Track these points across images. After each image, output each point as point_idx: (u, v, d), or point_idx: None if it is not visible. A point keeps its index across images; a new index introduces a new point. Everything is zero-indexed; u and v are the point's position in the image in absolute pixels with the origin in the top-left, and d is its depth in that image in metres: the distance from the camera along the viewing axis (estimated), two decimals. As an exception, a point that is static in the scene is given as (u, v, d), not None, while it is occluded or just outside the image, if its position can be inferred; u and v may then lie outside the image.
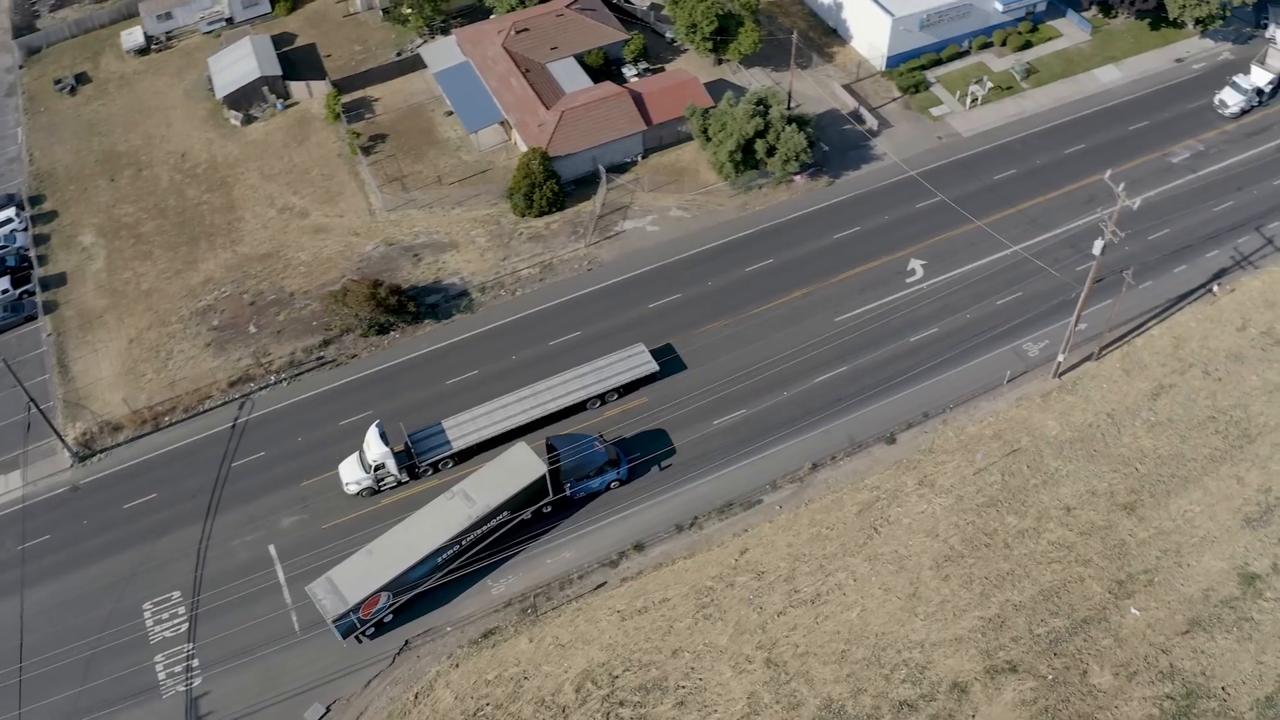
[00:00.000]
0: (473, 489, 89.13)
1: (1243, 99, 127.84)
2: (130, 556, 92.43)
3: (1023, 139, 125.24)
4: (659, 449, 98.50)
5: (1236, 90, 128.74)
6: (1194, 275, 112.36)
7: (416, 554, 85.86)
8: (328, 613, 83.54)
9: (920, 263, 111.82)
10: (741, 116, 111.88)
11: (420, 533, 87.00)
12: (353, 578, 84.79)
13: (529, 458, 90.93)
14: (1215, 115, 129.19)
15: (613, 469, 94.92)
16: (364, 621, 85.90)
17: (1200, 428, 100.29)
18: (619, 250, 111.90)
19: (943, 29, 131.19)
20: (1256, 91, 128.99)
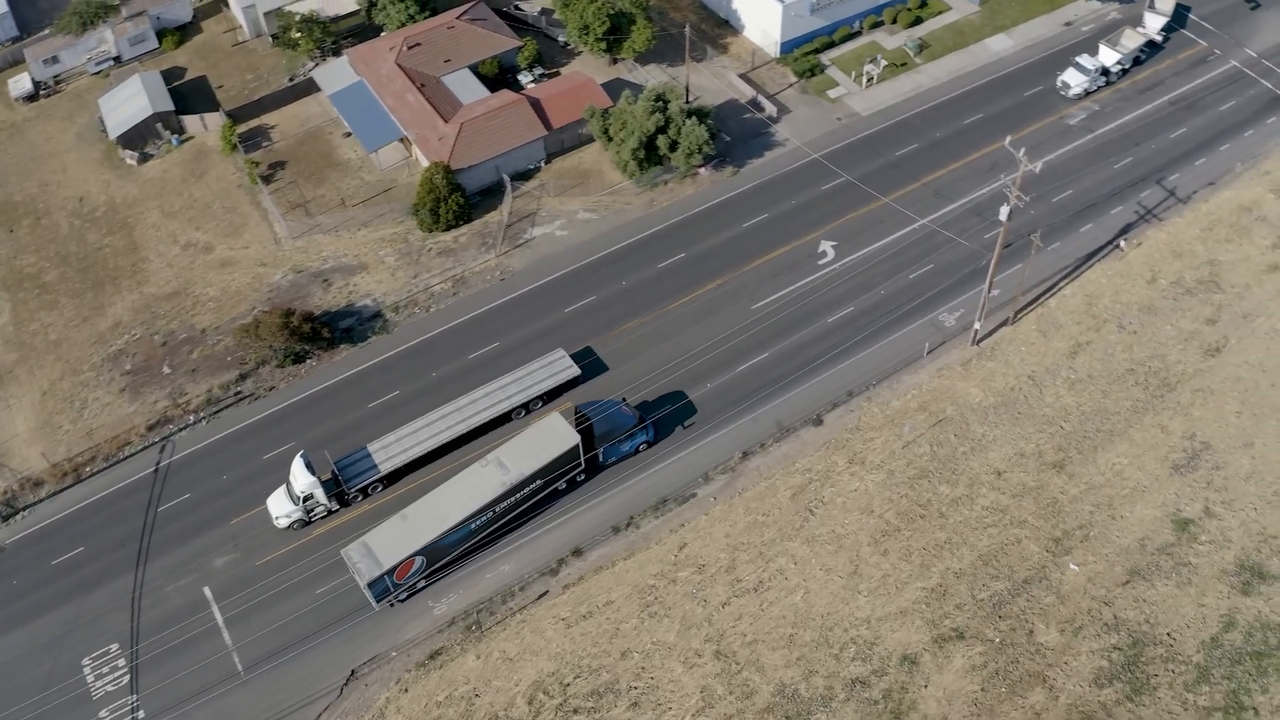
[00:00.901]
0: (506, 457, 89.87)
1: (1085, 80, 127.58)
2: (64, 613, 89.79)
3: (921, 113, 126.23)
4: (680, 411, 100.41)
5: (1080, 71, 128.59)
6: (1100, 233, 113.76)
7: (450, 520, 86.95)
8: (362, 576, 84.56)
9: (830, 244, 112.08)
10: (641, 114, 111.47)
11: (454, 499, 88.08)
12: (387, 542, 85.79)
13: (562, 425, 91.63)
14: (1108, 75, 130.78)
15: (642, 431, 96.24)
16: (397, 586, 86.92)
17: (1120, 381, 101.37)
18: (530, 257, 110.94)
19: (833, 11, 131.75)
20: (1101, 71, 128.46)
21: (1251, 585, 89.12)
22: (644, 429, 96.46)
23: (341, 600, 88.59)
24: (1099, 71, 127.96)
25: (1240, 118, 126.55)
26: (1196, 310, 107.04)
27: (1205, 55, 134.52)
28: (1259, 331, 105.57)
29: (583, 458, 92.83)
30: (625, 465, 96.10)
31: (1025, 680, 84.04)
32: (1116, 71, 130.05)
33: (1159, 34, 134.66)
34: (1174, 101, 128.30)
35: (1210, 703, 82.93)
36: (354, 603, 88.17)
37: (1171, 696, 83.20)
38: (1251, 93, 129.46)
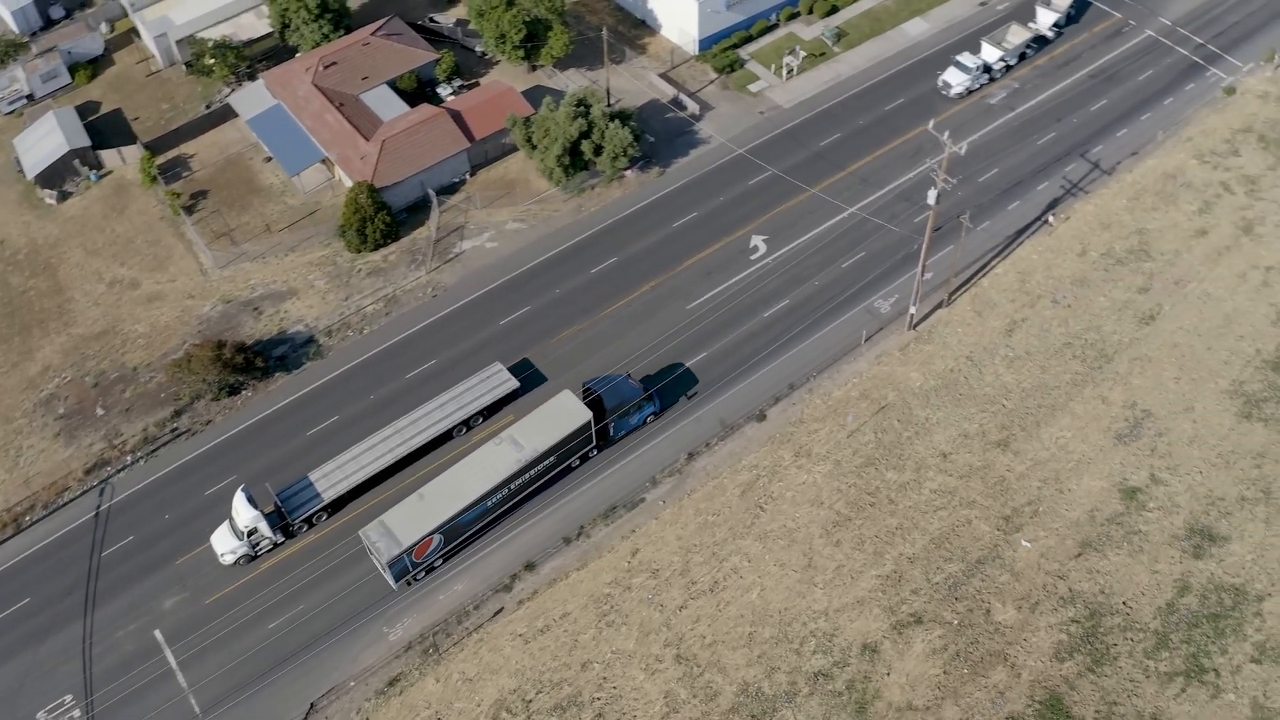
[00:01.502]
0: (520, 435, 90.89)
1: (967, 78, 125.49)
2: (15, 667, 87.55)
3: (843, 102, 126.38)
4: (681, 381, 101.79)
5: (960, 70, 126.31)
6: (1028, 209, 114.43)
7: (467, 498, 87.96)
8: (383, 555, 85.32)
9: (761, 238, 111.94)
10: (564, 120, 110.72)
11: (470, 477, 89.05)
12: (405, 521, 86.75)
13: (573, 402, 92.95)
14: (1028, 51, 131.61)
15: (648, 403, 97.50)
16: (416, 564, 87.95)
17: (1058, 355, 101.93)
18: (461, 272, 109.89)
19: (749, 5, 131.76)
20: (984, 69, 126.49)
21: (1202, 548, 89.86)
22: (650, 400, 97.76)
23: (296, 633, 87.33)
24: (980, 69, 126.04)
25: (1159, 86, 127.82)
26: (1128, 280, 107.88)
27: (1121, 26, 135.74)
28: (1191, 296, 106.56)
29: (594, 433, 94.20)
30: (572, 475, 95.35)
31: (986, 660, 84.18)
32: (1000, 69, 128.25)
33: (1051, 30, 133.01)
34: (1093, 74, 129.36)
35: (1171, 668, 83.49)
36: (309, 635, 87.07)
37: (1132, 665, 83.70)
38: (1168, 61, 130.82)
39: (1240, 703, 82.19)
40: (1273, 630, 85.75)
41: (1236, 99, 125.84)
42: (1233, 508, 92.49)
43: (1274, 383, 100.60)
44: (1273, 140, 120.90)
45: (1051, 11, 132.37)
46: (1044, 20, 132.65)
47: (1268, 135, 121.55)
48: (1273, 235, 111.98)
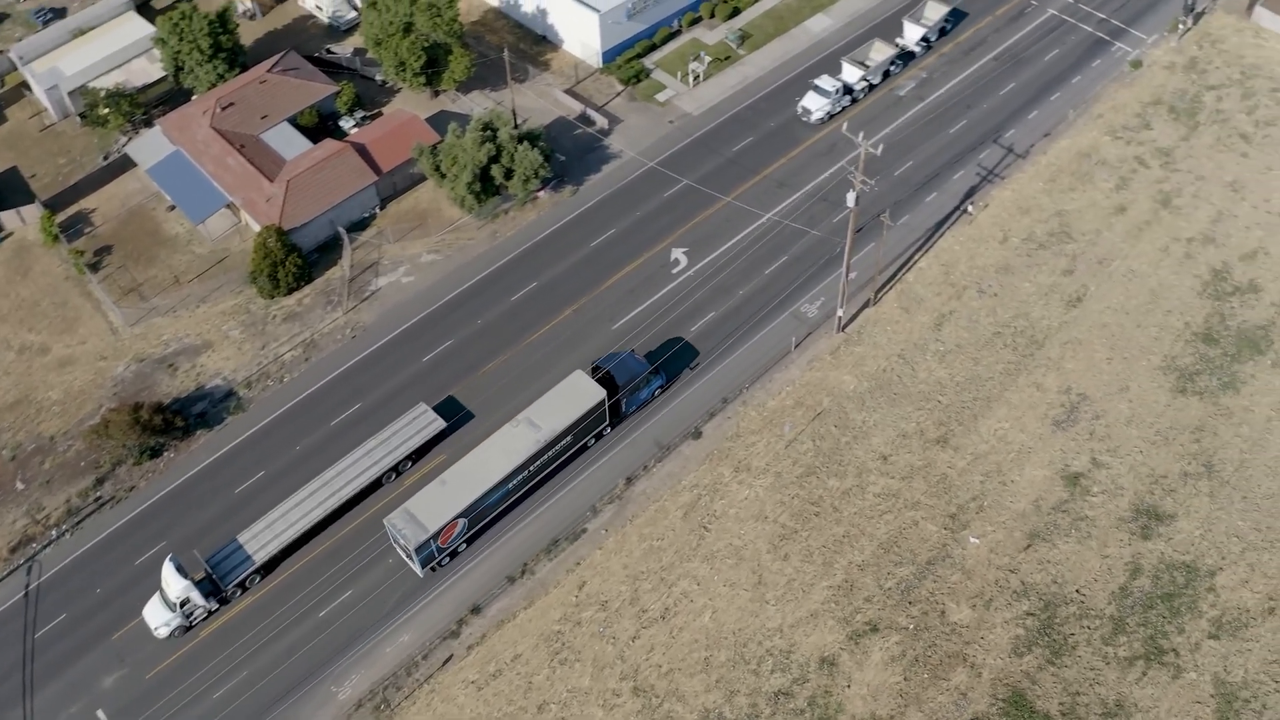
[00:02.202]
0: (537, 416, 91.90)
1: (827, 103, 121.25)
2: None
3: (751, 105, 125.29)
4: (682, 354, 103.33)
5: (819, 94, 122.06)
6: (947, 200, 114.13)
7: (489, 481, 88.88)
8: (409, 542, 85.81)
9: (681, 251, 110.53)
10: (471, 146, 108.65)
11: (490, 460, 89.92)
12: (430, 507, 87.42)
13: (586, 382, 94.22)
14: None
15: (655, 377, 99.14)
16: (441, 550, 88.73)
17: (989, 346, 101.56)
18: (379, 310, 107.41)
19: (650, 13, 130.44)
20: (844, 91, 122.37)
21: (1150, 528, 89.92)
22: (657, 374, 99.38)
23: (243, 702, 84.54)
24: (840, 92, 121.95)
25: (1066, 65, 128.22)
26: (1052, 263, 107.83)
27: (1023, 7, 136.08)
28: (1115, 275, 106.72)
29: (608, 410, 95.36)
30: (507, 511, 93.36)
31: (946, 662, 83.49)
32: (862, 89, 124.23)
33: (918, 45, 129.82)
34: (1000, 58, 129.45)
35: (1130, 652, 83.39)
36: (257, 702, 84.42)
37: (1091, 653, 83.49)
38: (1073, 39, 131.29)
39: (1202, 680, 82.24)
40: (1227, 604, 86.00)
41: (1144, 72, 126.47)
42: (1176, 484, 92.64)
43: (1205, 355, 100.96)
44: (1183, 111, 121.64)
45: (919, 26, 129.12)
46: (911, 35, 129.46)
47: (1177, 106, 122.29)
48: (1191, 206, 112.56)
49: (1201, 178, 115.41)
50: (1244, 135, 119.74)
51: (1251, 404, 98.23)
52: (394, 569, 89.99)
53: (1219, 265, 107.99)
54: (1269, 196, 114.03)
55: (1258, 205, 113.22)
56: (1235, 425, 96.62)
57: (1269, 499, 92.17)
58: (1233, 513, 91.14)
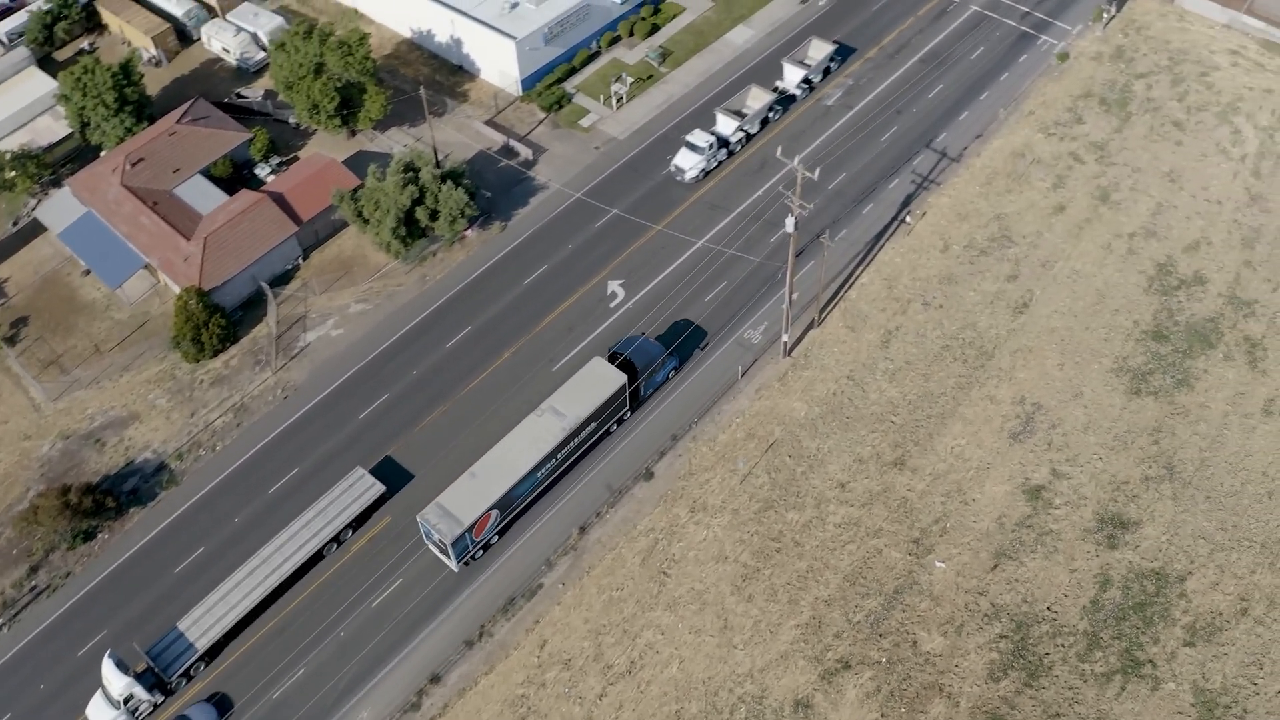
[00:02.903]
0: (560, 404, 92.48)
1: (701, 160, 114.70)
2: None
3: (678, 124, 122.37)
4: (691, 338, 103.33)
5: (692, 151, 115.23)
6: (884, 211, 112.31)
7: (519, 471, 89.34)
8: (445, 536, 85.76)
9: (618, 283, 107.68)
10: (393, 190, 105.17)
11: (519, 451, 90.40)
12: (462, 500, 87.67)
13: (606, 368, 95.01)
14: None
15: (670, 360, 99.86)
16: (475, 543, 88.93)
17: (938, 360, 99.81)
18: (310, 367, 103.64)
19: (568, 37, 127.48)
20: (719, 144, 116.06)
21: (1116, 537, 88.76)
22: (671, 357, 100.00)
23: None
24: (715, 146, 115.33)
25: (993, 62, 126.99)
26: (995, 269, 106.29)
27: (945, 5, 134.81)
28: (1060, 277, 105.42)
29: (628, 396, 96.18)
30: (459, 574, 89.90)
31: (922, 694, 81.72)
32: (739, 141, 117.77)
33: (799, 87, 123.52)
34: (925, 60, 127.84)
35: (1107, 667, 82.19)
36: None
37: (1068, 671, 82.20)
38: (998, 34, 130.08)
39: (1181, 690, 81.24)
40: (1199, 609, 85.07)
41: (1071, 64, 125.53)
42: (1138, 490, 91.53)
43: (1157, 353, 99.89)
44: (1113, 102, 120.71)
45: (800, 68, 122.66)
46: (791, 78, 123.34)
47: (1108, 97, 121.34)
48: (1129, 200, 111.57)
49: (1138, 170, 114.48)
50: (1177, 123, 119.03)
51: (1207, 400, 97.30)
52: (345, 645, 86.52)
53: (1163, 259, 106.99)
54: (1206, 185, 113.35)
55: (1196, 194, 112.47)
56: (1192, 424, 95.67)
57: (1231, 496, 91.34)
58: (1197, 514, 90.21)
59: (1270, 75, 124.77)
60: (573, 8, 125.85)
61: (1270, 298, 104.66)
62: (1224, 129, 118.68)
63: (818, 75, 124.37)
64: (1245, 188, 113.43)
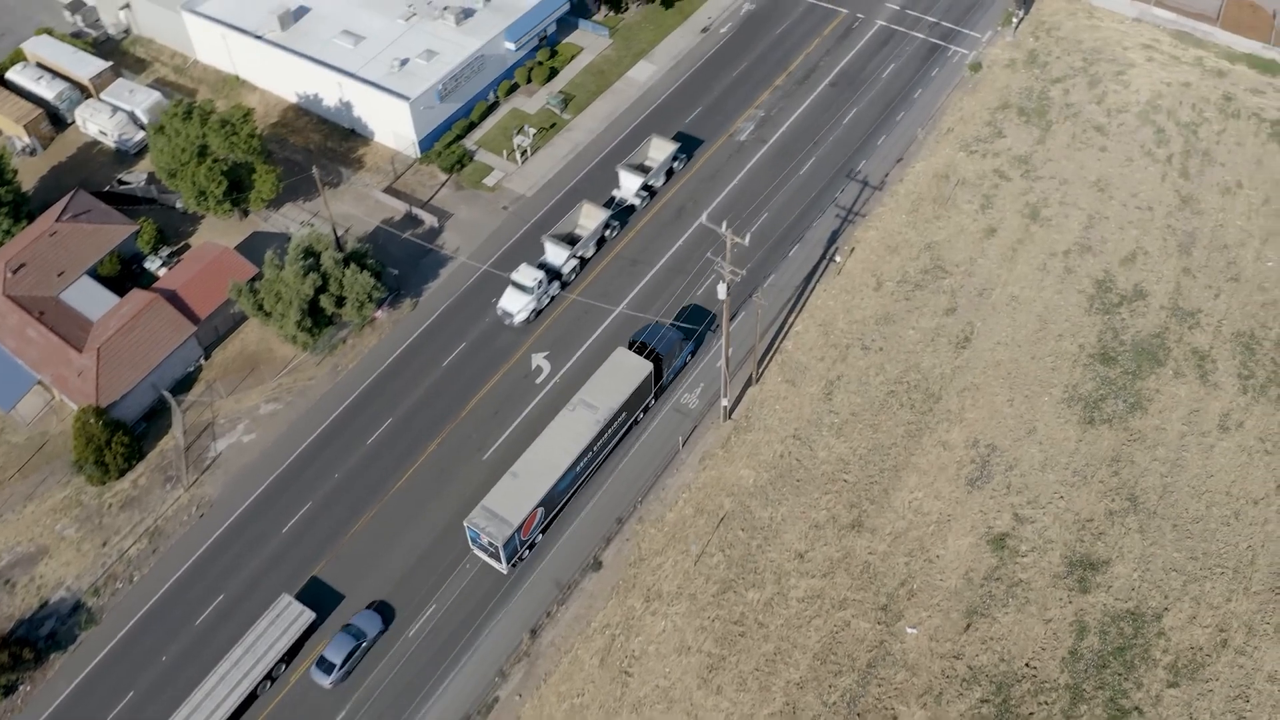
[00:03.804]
0: (590, 397, 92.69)
1: (529, 299, 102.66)
2: None
3: (587, 174, 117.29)
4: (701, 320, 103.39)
5: (520, 291, 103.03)
6: (811, 250, 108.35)
7: (561, 466, 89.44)
8: (497, 538, 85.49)
9: (542, 357, 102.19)
10: (294, 281, 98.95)
11: (557, 447, 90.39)
12: (508, 501, 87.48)
13: (632, 358, 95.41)
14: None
15: (687, 344, 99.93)
16: (522, 543, 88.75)
17: (885, 408, 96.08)
18: (224, 479, 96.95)
19: (463, 90, 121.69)
20: (551, 278, 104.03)
21: (1087, 579, 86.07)
22: (689, 341, 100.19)
23: None
24: (543, 283, 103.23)
25: (905, 80, 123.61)
26: (932, 303, 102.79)
27: (849, 23, 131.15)
28: (999, 305, 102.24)
29: (654, 383, 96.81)
30: (404, 693, 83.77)
31: (907, 776, 77.87)
32: (573, 269, 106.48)
33: (639, 195, 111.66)
34: (835, 83, 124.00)
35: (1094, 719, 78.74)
36: None
37: (1054, 731, 78.84)
38: (908, 49, 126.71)
39: (1170, 735, 78.26)
40: (1180, 647, 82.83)
41: (985, 74, 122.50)
42: (1104, 526, 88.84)
43: (1106, 377, 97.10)
44: (1032, 111, 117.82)
45: (637, 174, 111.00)
46: (629, 186, 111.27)
47: (1026, 107, 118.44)
48: (1060, 216, 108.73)
49: (1065, 182, 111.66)
50: (1098, 127, 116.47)
51: (1162, 422, 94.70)
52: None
53: (1101, 275, 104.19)
54: (1135, 191, 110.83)
55: (1126, 202, 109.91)
56: (1150, 448, 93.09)
57: (1197, 522, 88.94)
58: (1166, 545, 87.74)
59: (1186, 68, 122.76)
60: (466, 60, 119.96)
61: (1212, 305, 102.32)
62: (1147, 129, 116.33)
63: (660, 178, 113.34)
64: (1175, 190, 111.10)
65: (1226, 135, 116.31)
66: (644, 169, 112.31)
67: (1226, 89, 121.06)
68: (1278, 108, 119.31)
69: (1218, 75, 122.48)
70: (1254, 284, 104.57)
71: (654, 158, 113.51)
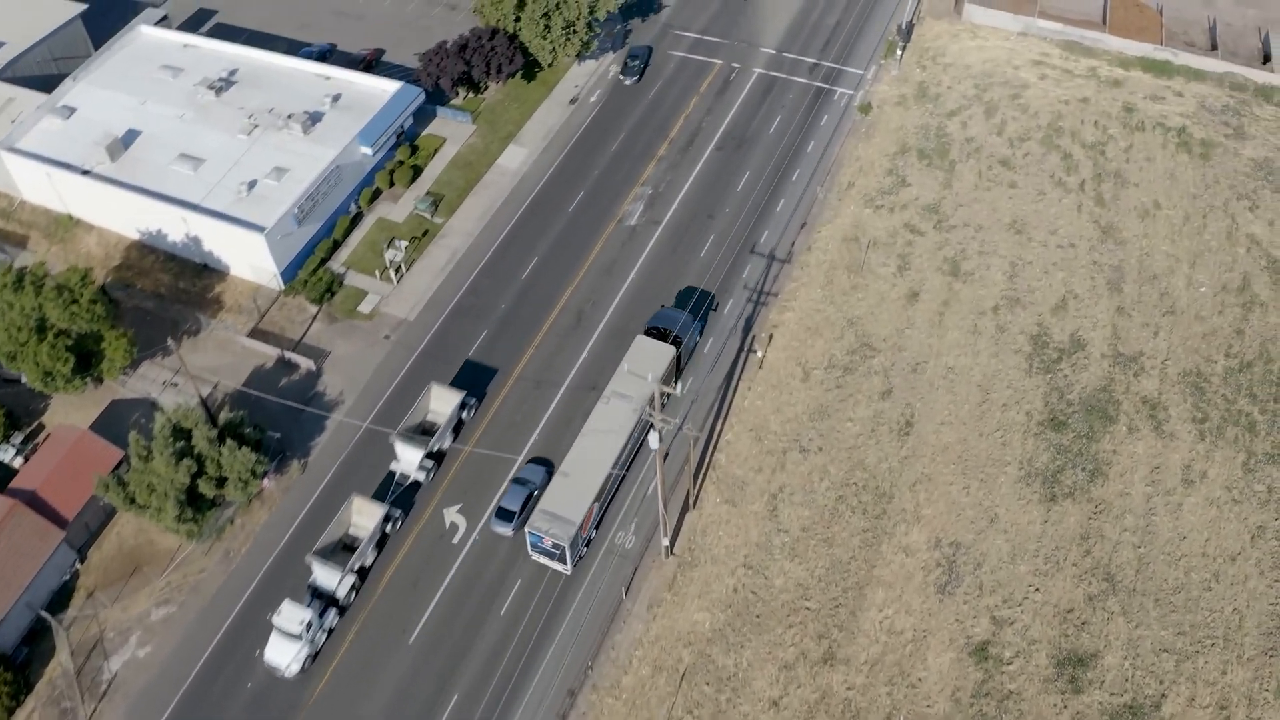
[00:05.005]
0: (622, 388, 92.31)
1: (301, 647, 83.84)
2: None
3: (471, 286, 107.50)
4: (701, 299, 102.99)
5: (286, 639, 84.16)
6: (726, 344, 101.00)
7: (609, 460, 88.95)
8: (563, 538, 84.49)
9: (455, 511, 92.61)
10: (166, 470, 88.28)
11: (602, 440, 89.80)
12: (564, 500, 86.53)
13: (654, 344, 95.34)
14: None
15: (697, 324, 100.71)
16: (582, 540, 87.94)
17: (836, 517, 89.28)
18: (124, 705, 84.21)
19: (322, 208, 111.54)
20: (327, 605, 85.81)
21: (1078, 678, 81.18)
22: (697, 321, 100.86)
23: None
24: (312, 624, 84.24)
25: (794, 132, 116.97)
26: (865, 387, 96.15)
27: (725, 75, 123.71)
28: (935, 380, 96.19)
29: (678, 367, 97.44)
30: None
31: None
32: (351, 589, 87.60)
33: (421, 468, 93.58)
34: (721, 145, 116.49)
35: (1111, 841, 73.67)
36: None
37: None
38: (791, 97, 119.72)
39: (1192, 840, 73.21)
40: (1184, 736, 77.24)
41: (876, 115, 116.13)
42: (1085, 613, 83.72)
43: (1060, 444, 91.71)
44: (933, 152, 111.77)
45: (417, 446, 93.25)
46: (409, 460, 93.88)
47: (925, 148, 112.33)
48: (981, 267, 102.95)
49: (980, 228, 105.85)
50: (1004, 161, 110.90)
51: (1125, 486, 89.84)
52: None
53: (1034, 329, 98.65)
54: (1054, 227, 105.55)
55: (1046, 241, 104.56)
56: (1118, 518, 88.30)
57: (1179, 592, 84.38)
58: (1152, 625, 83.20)
59: (1081, 81, 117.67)
60: (321, 174, 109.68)
61: (1153, 345, 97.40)
62: (1053, 157, 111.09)
63: (446, 438, 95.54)
64: (1093, 220, 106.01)
65: (1135, 151, 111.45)
66: (424, 433, 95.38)
67: (1126, 99, 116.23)
68: (1180, 113, 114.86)
69: (1114, 85, 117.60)
70: (1190, 314, 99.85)
71: (438, 411, 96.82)
